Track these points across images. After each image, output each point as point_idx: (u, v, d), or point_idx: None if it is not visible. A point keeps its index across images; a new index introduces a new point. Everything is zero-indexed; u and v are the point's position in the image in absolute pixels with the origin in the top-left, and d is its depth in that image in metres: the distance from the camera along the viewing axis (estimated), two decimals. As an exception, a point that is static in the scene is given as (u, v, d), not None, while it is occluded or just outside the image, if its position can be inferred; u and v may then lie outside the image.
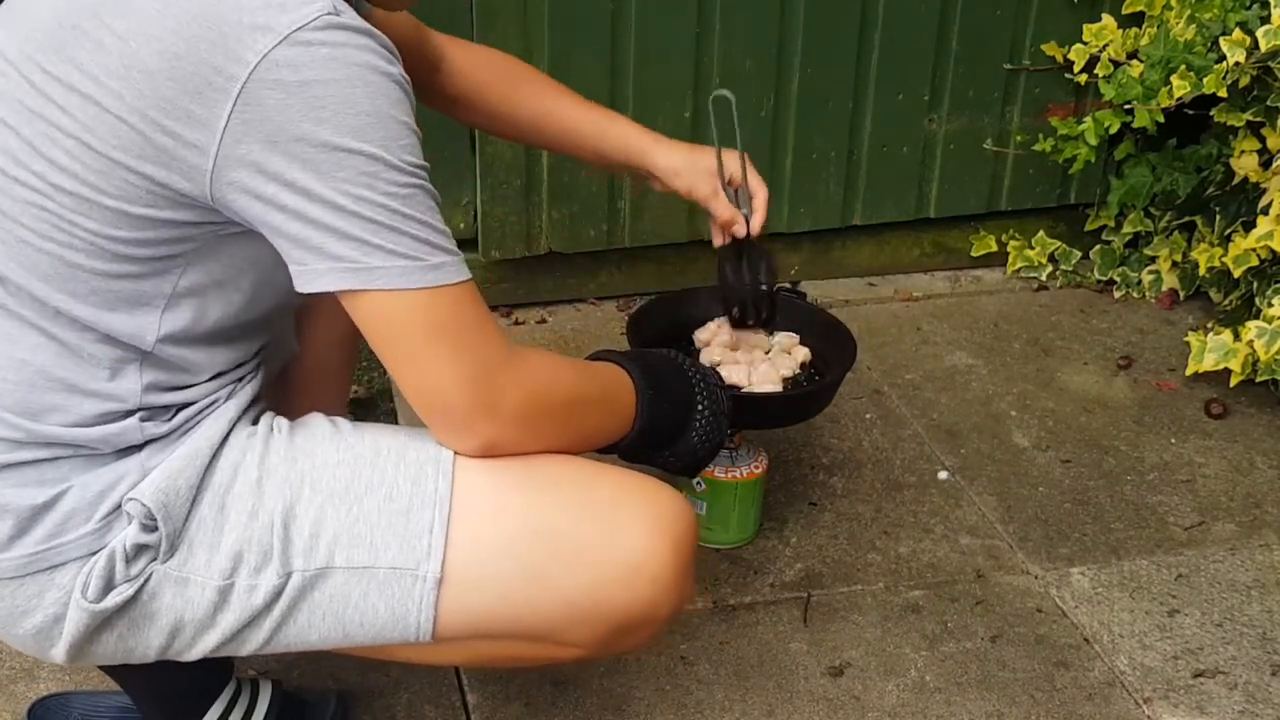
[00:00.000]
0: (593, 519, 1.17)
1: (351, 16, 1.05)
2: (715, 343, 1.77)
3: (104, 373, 1.12)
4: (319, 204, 1.03)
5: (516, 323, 2.41)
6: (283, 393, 1.46)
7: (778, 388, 1.72)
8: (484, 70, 1.61)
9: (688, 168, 1.64)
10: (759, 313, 1.74)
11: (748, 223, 1.66)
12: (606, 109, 1.66)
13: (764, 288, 1.72)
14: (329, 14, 1.02)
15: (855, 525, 1.90)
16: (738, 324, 1.76)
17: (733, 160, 1.65)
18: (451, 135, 2.18)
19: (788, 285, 2.44)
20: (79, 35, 1.04)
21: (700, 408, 1.36)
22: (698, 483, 1.77)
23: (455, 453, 1.16)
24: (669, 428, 1.35)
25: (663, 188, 1.66)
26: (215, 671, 1.40)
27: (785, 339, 1.81)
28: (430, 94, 1.60)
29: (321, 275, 1.06)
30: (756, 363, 1.75)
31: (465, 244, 2.33)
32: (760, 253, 1.70)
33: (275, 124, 1.01)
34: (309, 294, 1.08)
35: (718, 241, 1.71)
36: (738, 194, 1.65)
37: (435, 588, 1.14)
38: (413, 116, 1.07)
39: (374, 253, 1.05)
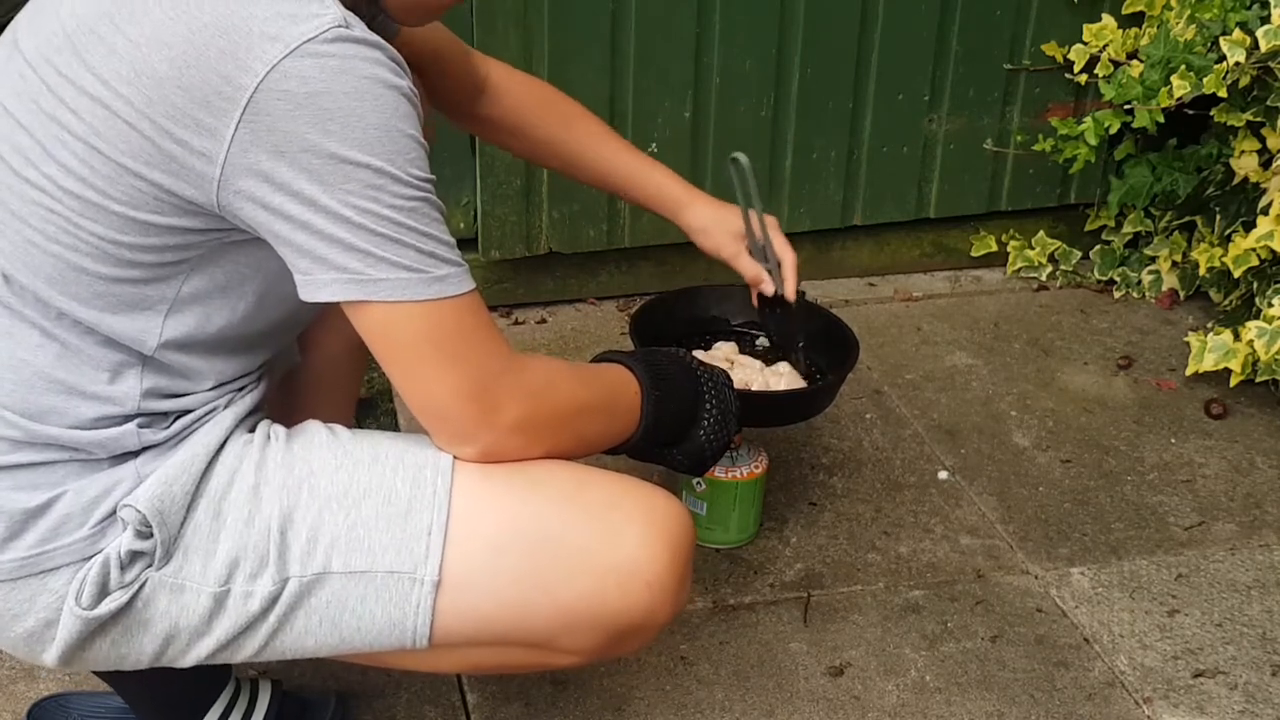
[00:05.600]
0: (590, 524, 1.17)
1: (362, 29, 1.05)
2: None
3: (104, 375, 1.12)
4: (325, 215, 1.03)
5: (516, 323, 2.41)
6: (287, 402, 1.47)
7: (795, 382, 1.76)
8: (536, 102, 1.65)
9: (715, 227, 1.68)
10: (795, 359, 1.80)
11: (775, 279, 1.69)
12: (647, 156, 1.70)
13: (795, 344, 1.79)
14: (339, 26, 1.02)
15: (855, 525, 1.90)
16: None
17: (756, 221, 1.67)
18: (452, 136, 2.18)
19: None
20: (93, 39, 1.04)
21: (708, 406, 1.37)
22: (698, 483, 1.77)
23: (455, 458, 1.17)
24: (676, 427, 1.35)
25: (691, 238, 1.71)
26: (214, 673, 1.40)
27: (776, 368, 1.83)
28: (469, 116, 1.63)
29: (325, 286, 1.06)
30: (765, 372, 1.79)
31: (465, 244, 2.34)
32: (788, 312, 1.72)
33: (283, 134, 1.01)
34: (317, 306, 1.09)
35: (755, 296, 1.74)
36: (765, 252, 1.68)
37: (433, 591, 1.14)
38: (419, 129, 1.08)
39: (378, 265, 1.05)
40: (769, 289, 1.70)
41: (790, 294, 1.69)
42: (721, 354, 1.82)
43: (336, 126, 1.01)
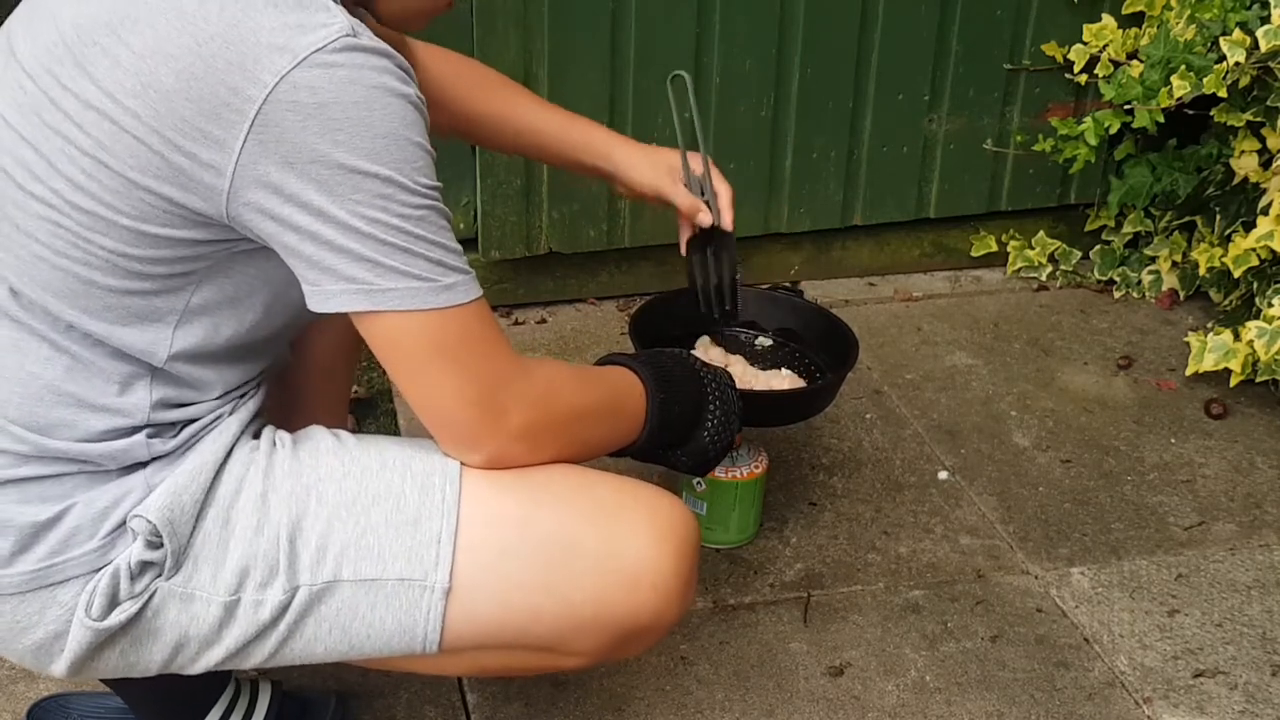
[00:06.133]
0: (597, 528, 1.17)
1: (369, 37, 1.04)
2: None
3: (114, 388, 1.12)
4: (333, 225, 1.03)
5: (516, 323, 2.41)
6: (282, 403, 1.46)
7: (795, 382, 1.75)
8: (448, 70, 1.60)
9: (647, 163, 1.62)
10: (723, 303, 1.70)
11: (712, 211, 1.63)
12: (568, 111, 1.65)
13: (731, 277, 1.69)
14: (347, 35, 1.02)
15: (855, 525, 1.90)
16: (707, 318, 1.74)
17: (696, 160, 1.63)
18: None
19: (787, 285, 2.45)
20: (97, 51, 1.04)
21: (712, 407, 1.37)
22: (698, 483, 1.77)
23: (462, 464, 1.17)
24: (681, 428, 1.36)
25: (624, 190, 1.65)
26: (214, 674, 1.39)
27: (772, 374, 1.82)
28: None
29: (334, 296, 1.06)
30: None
31: (465, 244, 2.32)
32: (725, 242, 1.67)
33: (292, 145, 1.01)
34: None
35: (685, 237, 1.67)
36: (702, 188, 1.63)
37: (443, 598, 1.15)
38: (426, 137, 1.07)
39: (387, 274, 1.05)
40: (706, 219, 1.63)
41: (727, 224, 1.64)
42: (699, 349, 1.82)
43: (345, 136, 1.01)
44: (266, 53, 1.00)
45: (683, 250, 1.68)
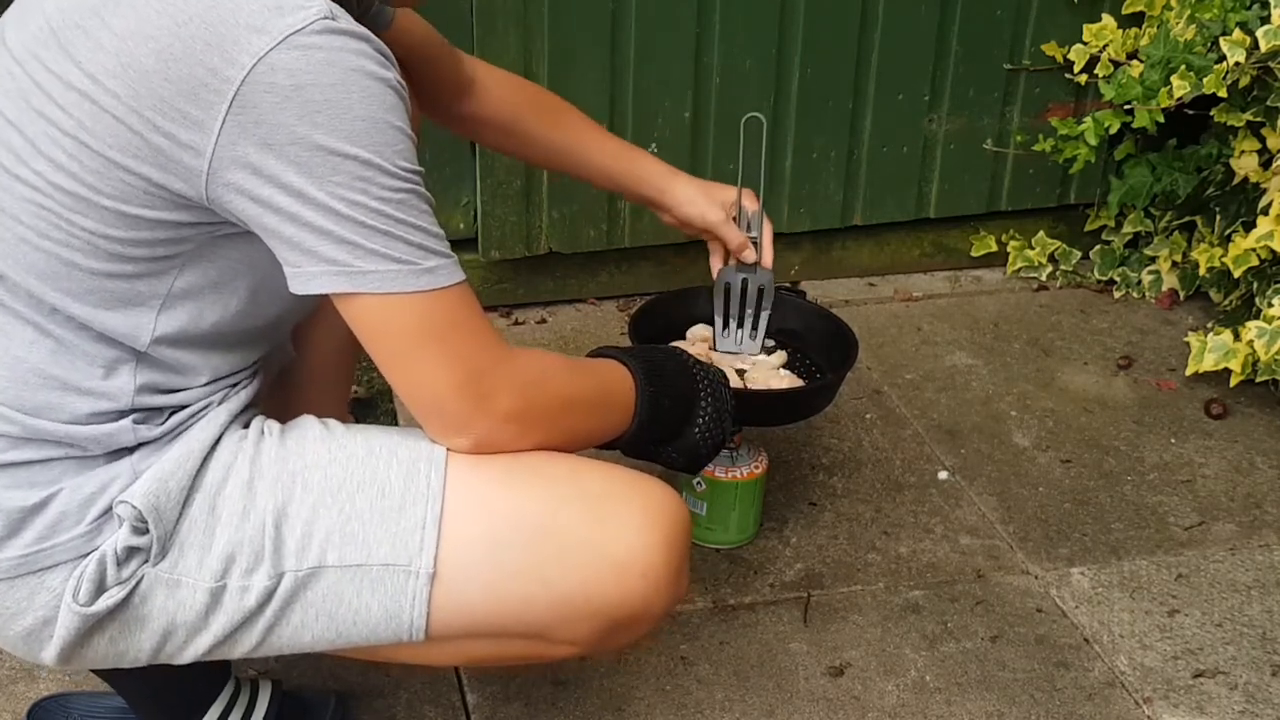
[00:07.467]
0: (585, 514, 1.17)
1: (348, 21, 1.05)
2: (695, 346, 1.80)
3: (98, 371, 1.13)
4: (313, 207, 1.03)
5: (516, 323, 2.41)
6: (281, 398, 1.47)
7: (794, 382, 1.75)
8: (520, 97, 1.65)
9: (702, 196, 1.70)
10: (749, 332, 1.78)
11: (756, 249, 1.72)
12: (626, 142, 1.74)
13: (764, 312, 1.77)
14: (325, 18, 1.02)
15: (855, 525, 1.90)
16: (719, 346, 1.80)
17: (748, 197, 1.70)
18: (452, 136, 2.18)
19: (787, 285, 2.45)
20: (80, 34, 1.05)
21: (703, 404, 1.37)
22: (698, 483, 1.77)
23: (448, 449, 1.17)
24: (671, 424, 1.35)
25: (673, 220, 1.72)
26: (213, 672, 1.40)
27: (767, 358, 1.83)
28: (454, 115, 1.63)
29: (315, 278, 1.06)
30: (756, 364, 1.77)
31: (465, 244, 2.35)
32: (766, 277, 1.75)
33: (270, 126, 1.01)
34: (312, 302, 1.09)
35: (717, 265, 1.75)
36: (749, 224, 1.72)
37: (428, 583, 1.15)
38: (407, 121, 1.08)
39: (367, 257, 1.05)
40: (751, 256, 1.72)
41: (768, 262, 1.73)
42: (698, 336, 1.82)
43: (323, 118, 1.02)
44: (244, 34, 1.01)
45: (714, 268, 1.76)
